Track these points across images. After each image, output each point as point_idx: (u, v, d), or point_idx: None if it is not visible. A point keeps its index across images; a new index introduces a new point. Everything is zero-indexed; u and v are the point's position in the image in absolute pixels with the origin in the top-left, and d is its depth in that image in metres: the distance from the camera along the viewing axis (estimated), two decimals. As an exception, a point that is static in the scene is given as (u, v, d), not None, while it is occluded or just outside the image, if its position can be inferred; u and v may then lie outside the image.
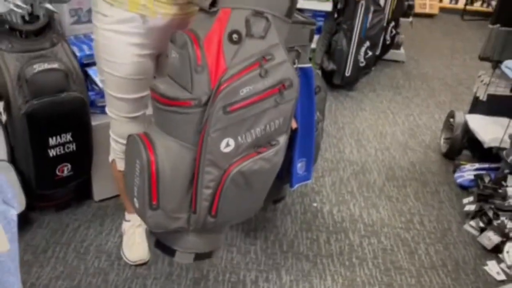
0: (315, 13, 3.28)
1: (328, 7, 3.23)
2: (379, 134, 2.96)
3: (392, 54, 4.11)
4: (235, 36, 1.15)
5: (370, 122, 3.11)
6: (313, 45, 3.32)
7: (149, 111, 1.50)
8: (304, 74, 1.66)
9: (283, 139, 1.29)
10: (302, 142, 1.77)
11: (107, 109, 1.56)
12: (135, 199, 1.27)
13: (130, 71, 1.41)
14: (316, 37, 3.32)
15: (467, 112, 2.59)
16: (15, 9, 1.50)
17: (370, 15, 3.19)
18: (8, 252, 1.00)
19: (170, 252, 1.39)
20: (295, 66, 1.54)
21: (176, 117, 1.20)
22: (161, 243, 1.39)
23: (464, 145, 2.58)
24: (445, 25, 5.50)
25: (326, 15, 3.29)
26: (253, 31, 1.16)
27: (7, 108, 1.60)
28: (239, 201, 1.29)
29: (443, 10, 5.92)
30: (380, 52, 3.83)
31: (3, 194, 1.11)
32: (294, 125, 1.69)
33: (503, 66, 2.20)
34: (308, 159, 1.86)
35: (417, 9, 5.74)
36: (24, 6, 1.54)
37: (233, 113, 1.14)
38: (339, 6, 3.26)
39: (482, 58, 2.39)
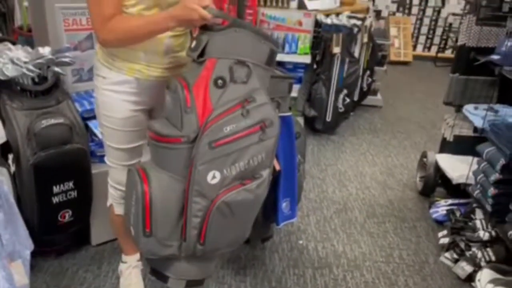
0: (296, 65, 3.57)
1: (307, 59, 3.51)
2: (360, 174, 3.15)
3: (370, 100, 4.40)
4: (220, 81, 1.33)
5: (351, 164, 3.31)
6: (295, 94, 3.58)
7: (144, 158, 1.67)
8: (285, 121, 1.85)
9: (266, 173, 1.43)
10: (286, 183, 1.94)
11: (105, 158, 1.72)
12: (131, 227, 1.42)
13: (125, 124, 1.58)
14: (297, 86, 3.59)
15: (438, 152, 2.80)
16: (27, 72, 1.70)
17: (346, 66, 3.48)
18: (26, 286, 1.14)
19: (163, 278, 1.51)
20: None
21: (168, 152, 1.37)
22: (155, 270, 1.52)
23: (437, 182, 2.78)
24: (419, 71, 5.87)
25: (306, 66, 3.57)
26: (236, 77, 1.34)
27: (16, 160, 1.76)
28: (225, 230, 1.42)
29: (417, 57, 6.34)
30: (358, 98, 4.11)
31: (19, 236, 1.25)
32: (277, 167, 1.87)
33: (464, 110, 2.45)
34: (292, 198, 2.02)
35: (393, 57, 6.16)
36: (35, 70, 1.74)
37: (218, 148, 1.30)
38: (317, 58, 3.55)
39: (446, 103, 2.64)
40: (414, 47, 6.51)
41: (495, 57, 2.15)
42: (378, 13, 6.27)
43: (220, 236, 1.43)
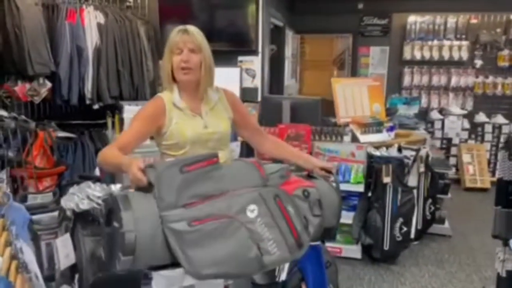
0: (350, 194, 3.72)
1: (360, 188, 3.66)
2: (417, 310, 3.00)
3: (436, 228, 4.27)
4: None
5: (409, 297, 3.17)
6: (350, 221, 3.66)
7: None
8: (314, 250, 2.01)
9: None
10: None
11: (152, 282, 1.97)
12: None
13: None
14: (351, 213, 3.69)
15: (496, 288, 2.63)
16: (96, 206, 2.12)
17: (399, 195, 3.55)
18: None
19: None
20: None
21: None
22: None
23: (500, 322, 2.55)
24: (497, 198, 5.58)
25: (359, 195, 3.70)
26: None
27: (80, 279, 2.10)
28: None
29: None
30: (422, 227, 4.04)
31: None
32: (307, 294, 1.98)
33: (510, 244, 2.35)
34: (326, 325, 2.05)
35: (468, 184, 6.00)
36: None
37: None
38: (371, 187, 3.68)
39: (494, 236, 2.55)
40: (493, 173, 6.27)
41: (528, 191, 2.15)
42: (448, 141, 6.31)
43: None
